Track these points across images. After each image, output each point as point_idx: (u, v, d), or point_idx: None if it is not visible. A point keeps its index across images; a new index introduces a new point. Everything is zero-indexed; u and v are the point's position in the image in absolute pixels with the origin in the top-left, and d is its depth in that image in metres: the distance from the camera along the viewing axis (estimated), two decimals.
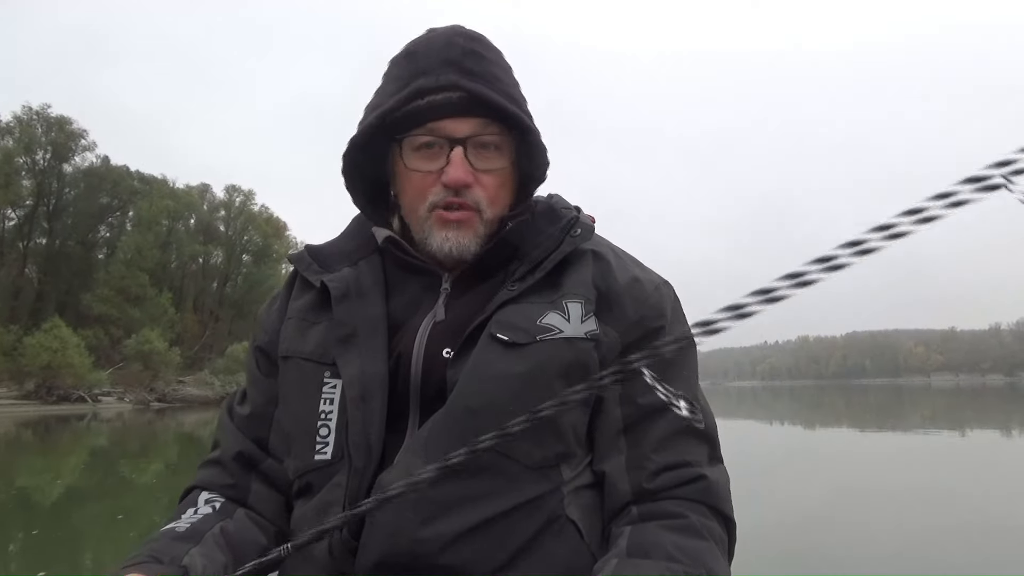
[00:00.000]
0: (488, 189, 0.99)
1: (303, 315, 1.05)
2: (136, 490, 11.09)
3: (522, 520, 0.90)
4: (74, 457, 16.77)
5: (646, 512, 0.93)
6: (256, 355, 1.11)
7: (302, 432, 0.99)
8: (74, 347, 40.68)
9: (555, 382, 0.92)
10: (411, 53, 1.01)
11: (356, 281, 1.03)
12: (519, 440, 0.90)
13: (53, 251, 53.98)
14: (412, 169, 0.99)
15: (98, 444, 20.95)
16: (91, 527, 8.04)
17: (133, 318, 49.75)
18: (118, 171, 58.06)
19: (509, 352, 0.93)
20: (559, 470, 0.95)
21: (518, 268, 1.01)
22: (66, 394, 39.75)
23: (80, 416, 33.93)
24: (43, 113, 52.68)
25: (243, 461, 1.06)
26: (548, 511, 0.92)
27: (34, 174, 52.32)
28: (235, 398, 1.14)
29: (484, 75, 0.98)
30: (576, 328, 0.96)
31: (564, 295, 0.99)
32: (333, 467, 0.95)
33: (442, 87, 0.96)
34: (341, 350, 0.97)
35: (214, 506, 1.01)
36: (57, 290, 52.44)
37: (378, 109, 0.98)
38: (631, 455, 0.97)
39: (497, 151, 1.00)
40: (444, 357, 0.95)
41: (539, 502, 0.92)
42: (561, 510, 0.93)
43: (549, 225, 1.06)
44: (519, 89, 1.04)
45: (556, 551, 0.91)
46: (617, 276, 1.03)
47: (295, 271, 1.11)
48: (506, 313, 0.96)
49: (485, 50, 1.01)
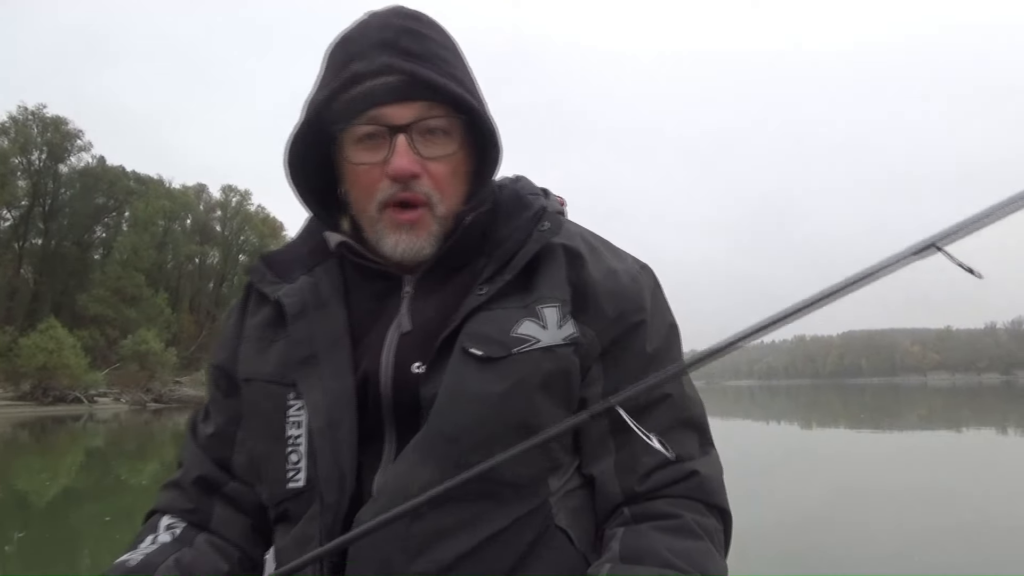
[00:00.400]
0: (438, 178, 0.92)
1: (260, 333, 0.98)
2: (130, 491, 11.06)
3: (512, 539, 0.87)
4: (69, 458, 16.73)
5: (639, 513, 0.90)
6: (215, 374, 1.04)
7: (271, 458, 0.93)
8: (70, 348, 40.63)
9: (536, 395, 0.88)
10: (346, 39, 0.93)
11: (313, 291, 0.96)
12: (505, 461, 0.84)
13: (49, 251, 53.89)
14: (355, 163, 0.92)
15: (94, 445, 20.90)
16: (86, 528, 8.01)
17: (129, 318, 49.65)
18: (114, 171, 57.98)
19: (485, 368, 0.87)
20: (547, 483, 0.91)
21: (485, 267, 0.95)
22: (62, 395, 39.69)
23: (76, 417, 33.85)
24: (39, 113, 52.64)
25: (204, 485, 1.00)
26: (538, 524, 0.89)
27: (30, 174, 52.20)
28: (199, 414, 1.08)
29: (424, 55, 0.90)
30: (554, 335, 0.90)
31: (538, 299, 0.92)
32: (310, 494, 0.89)
33: (378, 71, 0.89)
34: (301, 373, 0.91)
35: (174, 532, 0.96)
36: (53, 290, 52.34)
37: (314, 102, 0.92)
38: (620, 457, 0.93)
39: (445, 136, 0.92)
40: (415, 372, 0.89)
41: (528, 518, 0.88)
42: (550, 520, 0.90)
43: (515, 215, 0.99)
44: (466, 69, 0.96)
45: (548, 562, 0.88)
46: (592, 271, 0.95)
47: (250, 284, 1.04)
48: (477, 323, 0.89)
49: (426, 28, 0.93)
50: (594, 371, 0.94)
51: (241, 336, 1.01)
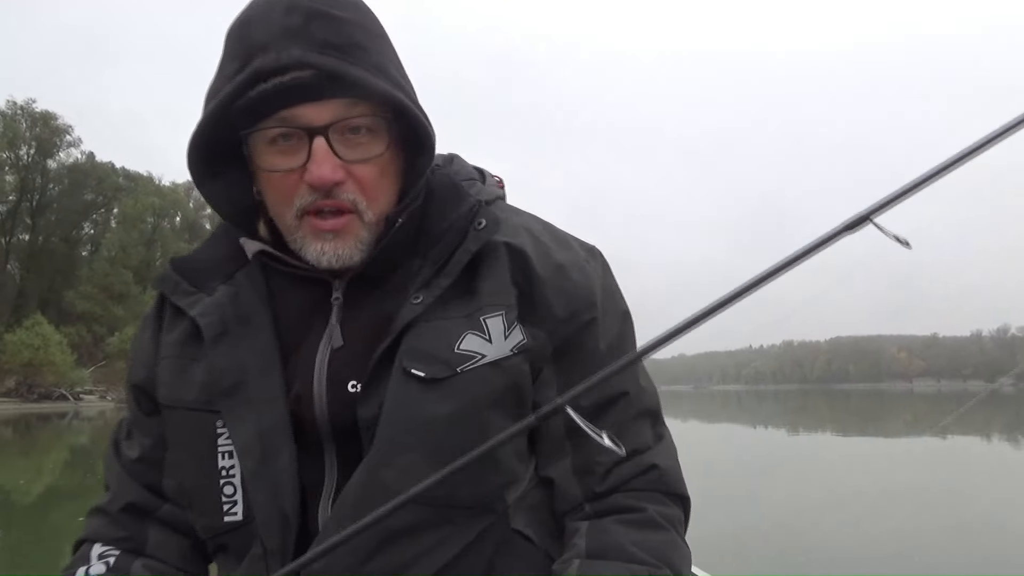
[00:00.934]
0: (364, 183, 0.82)
1: (179, 352, 0.88)
2: None
3: (473, 556, 0.82)
4: (53, 455, 16.60)
5: (601, 508, 0.87)
6: (135, 393, 0.95)
7: (204, 491, 0.86)
8: (56, 344, 40.37)
9: (487, 414, 0.81)
10: (245, 21, 0.81)
11: (234, 304, 0.87)
12: (458, 488, 0.80)
13: (36, 247, 53.48)
14: (268, 170, 0.82)
15: (79, 442, 20.74)
16: (65, 527, 7.96)
17: (116, 316, 49.37)
18: (103, 167, 57.63)
19: (429, 390, 0.80)
20: (503, 499, 0.86)
21: (421, 269, 0.86)
22: (47, 392, 39.44)
23: (61, 414, 33.61)
24: (28, 108, 52.22)
25: (135, 511, 0.93)
26: (497, 536, 0.84)
27: (17, 169, 51.78)
28: (121, 432, 0.99)
29: (340, 45, 0.78)
30: (500, 348, 0.83)
31: (481, 308, 0.84)
32: (249, 528, 0.83)
33: (287, 66, 0.77)
34: (227, 404, 0.83)
35: (108, 562, 0.89)
36: (39, 287, 51.96)
37: (216, 97, 0.80)
38: (578, 458, 0.88)
39: (370, 134, 0.81)
40: (351, 392, 0.83)
41: (486, 534, 0.84)
42: (507, 527, 0.86)
43: (450, 206, 0.89)
44: (391, 53, 0.85)
45: (511, 568, 0.85)
46: (538, 269, 0.87)
47: (161, 295, 0.93)
48: (416, 337, 0.81)
49: (340, 9, 0.80)
50: (546, 373, 0.88)
51: (158, 354, 0.91)
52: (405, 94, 0.82)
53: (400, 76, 0.84)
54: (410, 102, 0.82)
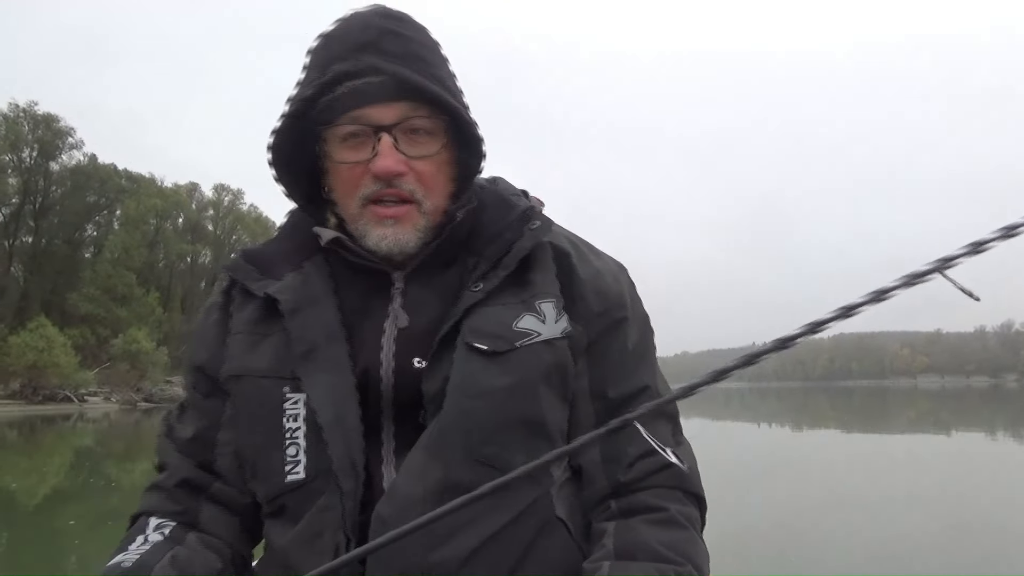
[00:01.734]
0: (423, 176, 0.92)
1: (251, 328, 0.97)
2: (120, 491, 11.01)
3: (520, 529, 0.89)
4: (58, 457, 16.64)
5: (626, 507, 0.93)
6: (195, 375, 1.03)
7: (267, 453, 0.93)
8: (60, 346, 40.44)
9: (539, 388, 0.91)
10: (328, 38, 0.94)
11: (304, 288, 0.97)
12: (514, 453, 0.89)
13: (39, 249, 53.61)
14: (339, 161, 0.93)
15: (83, 444, 20.80)
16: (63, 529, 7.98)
17: (120, 317, 49.48)
18: (105, 169, 57.71)
19: (490, 362, 0.90)
20: (550, 473, 0.94)
21: (477, 265, 0.97)
22: (52, 394, 39.51)
23: (66, 416, 33.68)
24: (30, 110, 52.35)
25: (190, 487, 0.99)
26: (541, 515, 0.92)
27: (20, 172, 51.96)
28: (174, 416, 1.06)
29: (405, 56, 0.90)
30: (553, 329, 0.94)
31: (535, 294, 0.95)
32: (310, 487, 0.90)
33: (361, 71, 0.89)
34: (305, 368, 0.91)
35: (164, 532, 0.95)
36: (43, 289, 52.03)
37: (298, 98, 0.93)
38: (606, 448, 0.96)
39: (429, 136, 0.93)
40: (415, 367, 0.92)
41: (533, 507, 0.91)
42: (551, 511, 0.93)
43: (501, 214, 1.01)
44: (449, 70, 0.97)
45: (550, 553, 0.91)
46: (578, 269, 0.99)
47: (231, 280, 1.03)
48: (477, 318, 0.92)
49: (407, 30, 0.93)
50: (580, 364, 0.97)
51: (227, 332, 1.00)
52: (459, 103, 0.94)
53: (455, 88, 0.96)
54: (463, 110, 0.93)
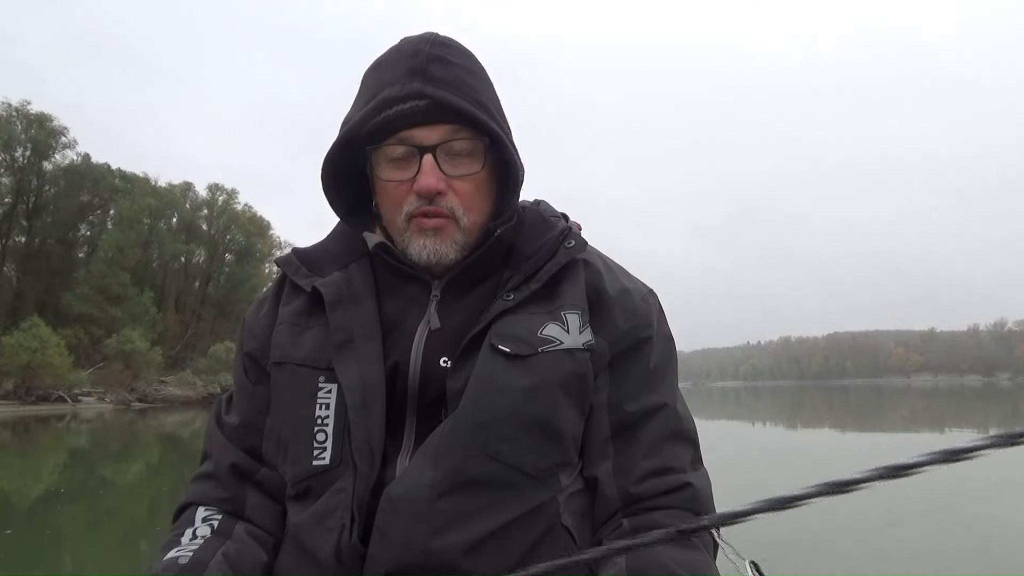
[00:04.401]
0: (463, 195, 0.98)
1: (295, 320, 1.04)
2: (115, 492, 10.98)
3: (524, 530, 0.92)
4: (53, 458, 16.58)
5: (639, 526, 0.94)
6: (244, 362, 1.10)
7: (298, 437, 0.98)
8: (54, 346, 40.24)
9: (556, 393, 0.95)
10: (380, 64, 1.01)
11: (348, 285, 1.03)
12: (525, 452, 0.93)
13: (32, 249, 53.29)
14: (385, 180, 0.99)
15: (77, 445, 20.72)
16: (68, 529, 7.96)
17: (114, 317, 49.22)
18: (99, 169, 57.40)
19: (512, 364, 0.94)
20: (558, 478, 0.96)
21: (511, 277, 1.02)
22: (45, 394, 39.32)
23: (60, 416, 33.55)
24: (23, 110, 52.04)
25: (237, 473, 1.04)
26: (547, 519, 0.94)
27: (13, 171, 51.59)
28: (222, 407, 1.12)
29: (451, 81, 0.97)
30: (575, 339, 0.98)
31: (562, 306, 1.00)
32: (333, 472, 0.95)
33: (408, 96, 0.95)
34: (339, 356, 0.97)
35: (212, 525, 0.99)
36: (36, 289, 51.77)
37: (350, 122, 0.99)
38: (619, 461, 0.99)
39: (469, 157, 0.99)
40: (442, 366, 0.97)
41: (539, 510, 0.93)
42: (557, 518, 0.95)
43: (540, 233, 1.07)
44: (492, 95, 1.02)
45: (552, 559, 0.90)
46: (608, 286, 1.04)
47: (283, 275, 1.11)
48: (505, 323, 0.97)
49: (454, 56, 0.99)
50: (601, 379, 1.01)
51: (275, 322, 1.07)
52: (500, 127, 0.99)
53: (498, 113, 1.01)
54: (503, 134, 0.99)
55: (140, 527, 8.26)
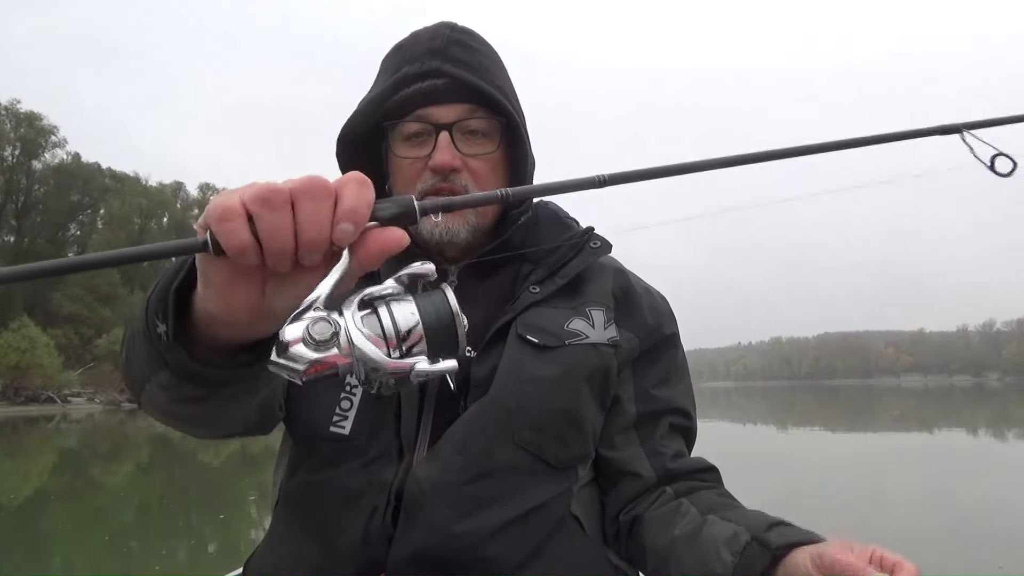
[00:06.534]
0: (477, 174, 0.99)
1: None
2: (102, 493, 10.91)
3: (540, 518, 0.94)
4: (42, 458, 16.47)
5: (686, 489, 1.00)
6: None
7: (323, 400, 0.96)
8: (43, 347, 40.04)
9: (581, 385, 0.98)
10: (400, 46, 1.02)
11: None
12: (550, 441, 0.95)
13: (22, 249, 52.93)
14: (401, 156, 1.00)
15: (66, 445, 20.59)
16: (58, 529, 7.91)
17: (104, 317, 49.05)
18: (89, 168, 57.25)
19: (540, 355, 0.96)
20: (576, 470, 1.00)
21: (533, 271, 1.04)
22: (35, 395, 39.12)
23: (49, 417, 33.34)
24: (12, 108, 51.81)
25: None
26: (561, 509, 0.96)
27: (2, 170, 51.39)
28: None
29: (469, 63, 0.99)
30: (600, 334, 1.01)
31: (586, 302, 1.03)
32: (351, 444, 0.94)
33: (427, 74, 0.97)
34: None
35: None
36: (26, 289, 51.38)
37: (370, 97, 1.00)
38: (648, 446, 1.03)
39: (485, 137, 1.00)
40: (466, 355, 0.96)
41: (555, 501, 0.96)
42: (568, 508, 0.97)
43: (556, 230, 1.10)
44: (508, 82, 1.05)
45: (565, 548, 0.95)
46: (633, 286, 1.09)
47: None
48: (531, 315, 0.99)
49: (473, 42, 1.02)
50: (625, 373, 1.05)
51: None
52: (514, 109, 1.01)
53: (514, 99, 1.03)
54: (516, 115, 1.00)
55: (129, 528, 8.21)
